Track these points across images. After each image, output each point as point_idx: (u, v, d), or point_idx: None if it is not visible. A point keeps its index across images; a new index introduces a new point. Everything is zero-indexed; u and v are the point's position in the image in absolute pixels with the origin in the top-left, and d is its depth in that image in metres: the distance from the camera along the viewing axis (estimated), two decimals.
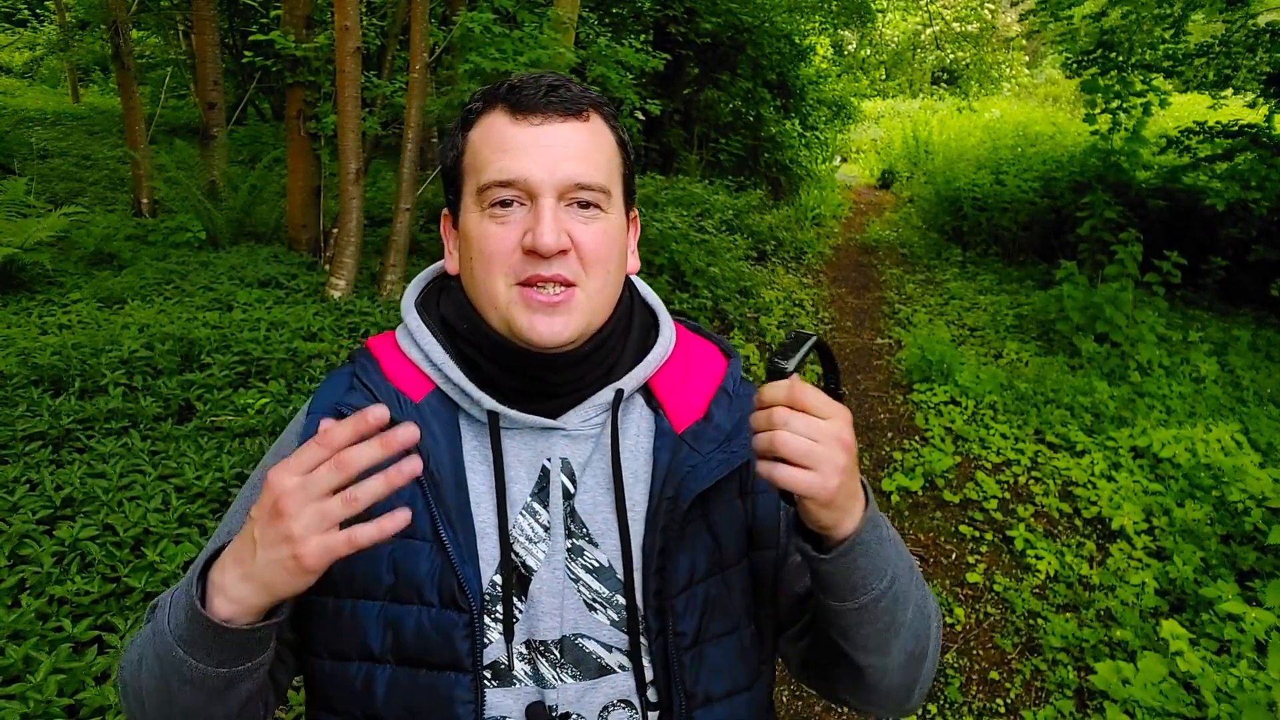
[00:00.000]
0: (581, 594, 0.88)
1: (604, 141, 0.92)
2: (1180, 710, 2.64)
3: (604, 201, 0.89)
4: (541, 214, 0.85)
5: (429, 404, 0.91)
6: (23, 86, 14.05)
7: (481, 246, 0.88)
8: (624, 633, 0.88)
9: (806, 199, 12.25)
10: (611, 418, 0.92)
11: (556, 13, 6.19)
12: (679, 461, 0.91)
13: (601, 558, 0.89)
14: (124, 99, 6.93)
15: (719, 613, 0.91)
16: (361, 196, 5.57)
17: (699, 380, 0.98)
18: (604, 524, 0.90)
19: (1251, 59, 8.14)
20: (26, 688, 2.07)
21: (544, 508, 0.90)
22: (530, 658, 0.87)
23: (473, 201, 0.90)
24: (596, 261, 0.89)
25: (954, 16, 22.41)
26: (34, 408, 3.29)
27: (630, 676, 0.88)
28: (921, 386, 5.50)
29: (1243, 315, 7.21)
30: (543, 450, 0.92)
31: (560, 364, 0.90)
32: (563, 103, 0.88)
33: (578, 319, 0.88)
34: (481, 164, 0.88)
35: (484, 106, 0.91)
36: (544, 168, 0.86)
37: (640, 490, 0.92)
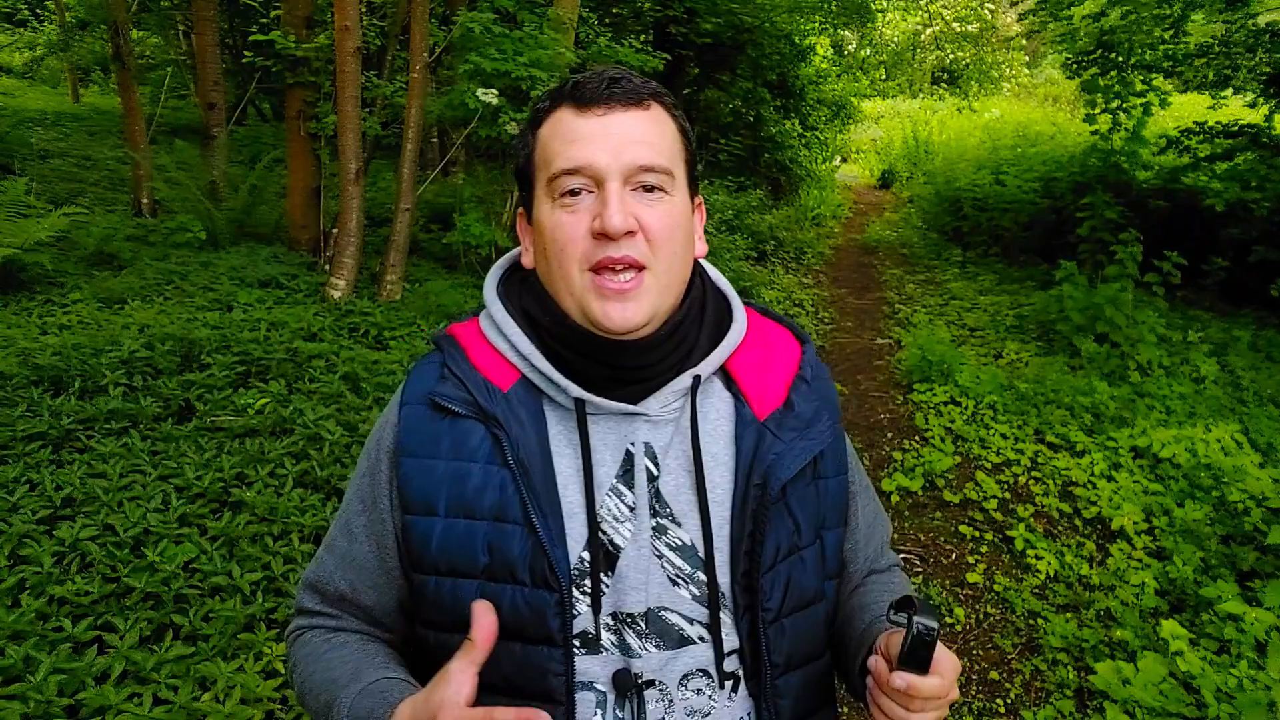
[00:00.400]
0: (665, 570, 0.94)
1: (665, 128, 0.96)
2: (1180, 710, 2.64)
3: (668, 184, 0.93)
4: (609, 198, 0.89)
5: (515, 392, 0.96)
6: (23, 87, 14.05)
7: (554, 236, 0.92)
8: (705, 607, 0.94)
9: (806, 199, 12.26)
10: (690, 403, 0.97)
11: (556, 13, 6.19)
12: (764, 449, 0.96)
13: (685, 536, 0.95)
14: (124, 99, 6.93)
15: (798, 589, 0.97)
16: (361, 196, 5.57)
17: (777, 366, 1.02)
18: (686, 505, 0.95)
19: (1251, 59, 8.14)
20: (26, 688, 2.07)
21: (629, 489, 0.95)
22: (617, 628, 0.92)
23: (544, 194, 0.94)
24: (664, 242, 0.92)
25: (954, 16, 22.43)
26: (34, 408, 3.29)
27: (709, 648, 0.94)
28: (921, 387, 5.50)
29: (1243, 315, 7.21)
30: (626, 435, 0.96)
31: (637, 349, 0.94)
32: (624, 93, 0.92)
33: (648, 302, 0.92)
34: (550, 156, 0.93)
35: (550, 105, 0.96)
36: (609, 153, 0.90)
37: (721, 473, 0.97)
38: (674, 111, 0.98)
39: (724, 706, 0.95)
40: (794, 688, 0.97)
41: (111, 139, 10.02)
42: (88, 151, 9.39)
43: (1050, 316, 6.50)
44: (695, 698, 0.94)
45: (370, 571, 1.01)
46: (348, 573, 1.02)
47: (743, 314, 1.05)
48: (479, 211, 6.23)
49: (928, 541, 3.87)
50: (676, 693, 0.93)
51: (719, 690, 0.95)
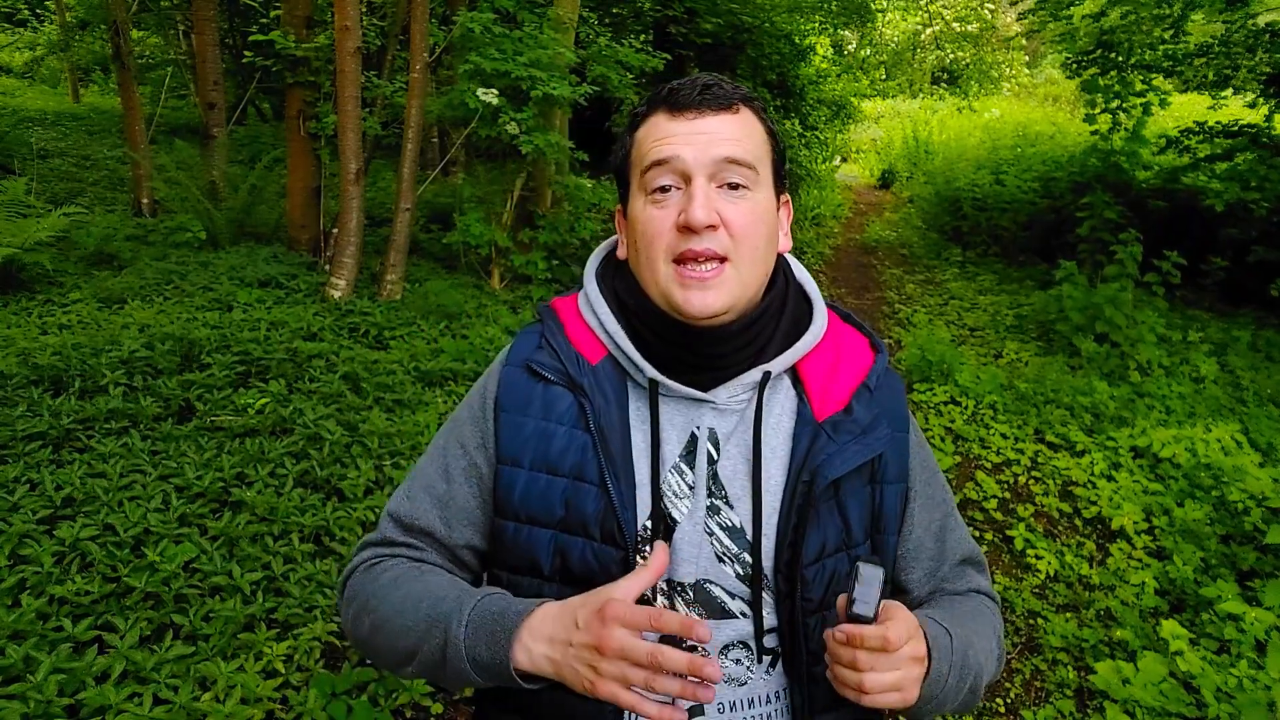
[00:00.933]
0: (714, 546, 1.01)
1: (753, 129, 1.02)
2: (1180, 710, 2.64)
3: (752, 181, 0.99)
4: (694, 193, 0.96)
5: (603, 367, 1.05)
6: (23, 86, 14.05)
7: (645, 229, 1.00)
8: (747, 585, 1.00)
9: (806, 199, 12.24)
10: (757, 398, 1.03)
11: (557, 13, 6.19)
12: (817, 448, 1.01)
13: (735, 519, 1.01)
14: (124, 99, 6.93)
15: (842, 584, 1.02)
16: (361, 196, 5.57)
17: (845, 371, 1.08)
18: (740, 490, 1.02)
19: (1251, 59, 8.14)
20: (26, 688, 2.07)
21: (690, 469, 1.02)
22: (670, 594, 1.00)
23: (638, 189, 1.02)
24: (745, 237, 0.98)
25: (954, 16, 22.42)
26: (34, 408, 3.29)
27: (750, 623, 1.01)
28: (921, 386, 5.50)
29: (1242, 315, 7.21)
30: (693, 419, 1.03)
31: (712, 337, 1.01)
32: (715, 99, 0.99)
33: (727, 292, 0.98)
34: (643, 155, 1.01)
35: (648, 110, 1.04)
36: (695, 149, 0.97)
37: (777, 465, 1.03)
38: (763, 115, 1.04)
39: (761, 679, 1.01)
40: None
41: (111, 139, 10.02)
42: (87, 151, 9.40)
43: (1050, 316, 6.50)
44: (734, 667, 1.01)
45: (470, 511, 1.08)
46: (444, 511, 1.09)
47: (823, 316, 1.09)
48: (479, 211, 6.23)
49: None
50: (717, 659, 1.00)
51: (757, 664, 1.01)
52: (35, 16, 15.24)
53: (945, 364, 5.56)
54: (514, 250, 6.24)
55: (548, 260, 6.29)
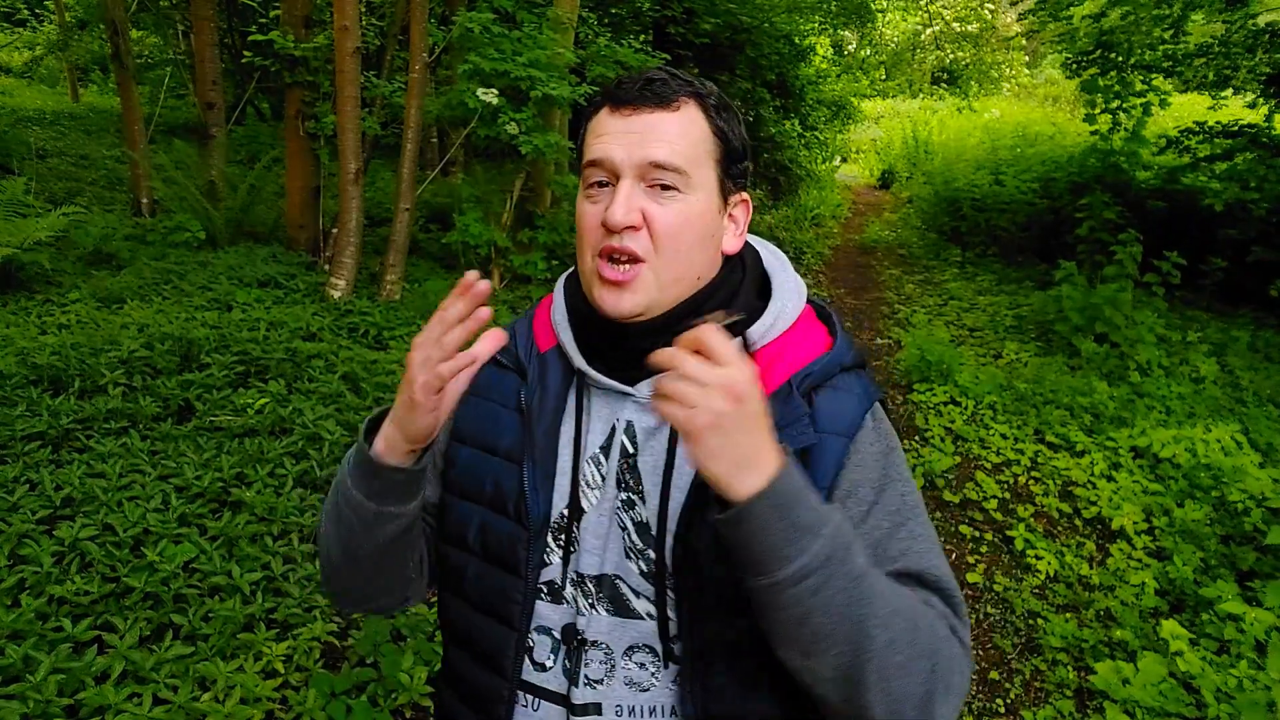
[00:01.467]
0: (624, 542, 1.00)
1: (693, 128, 0.98)
2: (1180, 710, 2.64)
3: (682, 183, 0.96)
4: (618, 192, 0.95)
5: (552, 354, 1.08)
6: (21, 86, 14.04)
7: (579, 223, 1.01)
8: (651, 584, 0.98)
9: (806, 199, 12.26)
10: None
11: (556, 13, 6.19)
12: None
13: (644, 514, 1.00)
14: (123, 99, 6.92)
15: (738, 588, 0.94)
16: (361, 196, 5.56)
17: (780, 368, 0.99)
18: (653, 485, 1.00)
19: (1251, 59, 8.15)
20: (26, 688, 2.07)
21: (606, 460, 1.02)
22: (576, 585, 1.00)
23: (581, 183, 1.03)
24: (668, 240, 0.96)
25: (954, 16, 22.43)
26: (33, 408, 3.29)
27: (654, 625, 0.98)
28: (921, 387, 5.50)
29: (1242, 316, 7.21)
30: (615, 411, 1.03)
31: (632, 334, 1.00)
32: (655, 95, 0.97)
33: (642, 294, 0.97)
34: (584, 150, 1.01)
35: (598, 103, 1.03)
36: (625, 149, 0.96)
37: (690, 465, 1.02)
38: (711, 111, 0.99)
39: (666, 687, 0.97)
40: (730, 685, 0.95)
41: (110, 138, 10.01)
42: (86, 151, 9.39)
43: (1049, 317, 6.50)
44: (637, 671, 0.98)
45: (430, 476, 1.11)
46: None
47: (774, 314, 1.01)
48: (478, 211, 6.22)
49: None
50: (620, 660, 0.98)
51: (663, 669, 0.97)
52: (34, 16, 15.24)
53: (944, 364, 5.56)
54: (513, 250, 6.24)
55: (547, 260, 6.28)
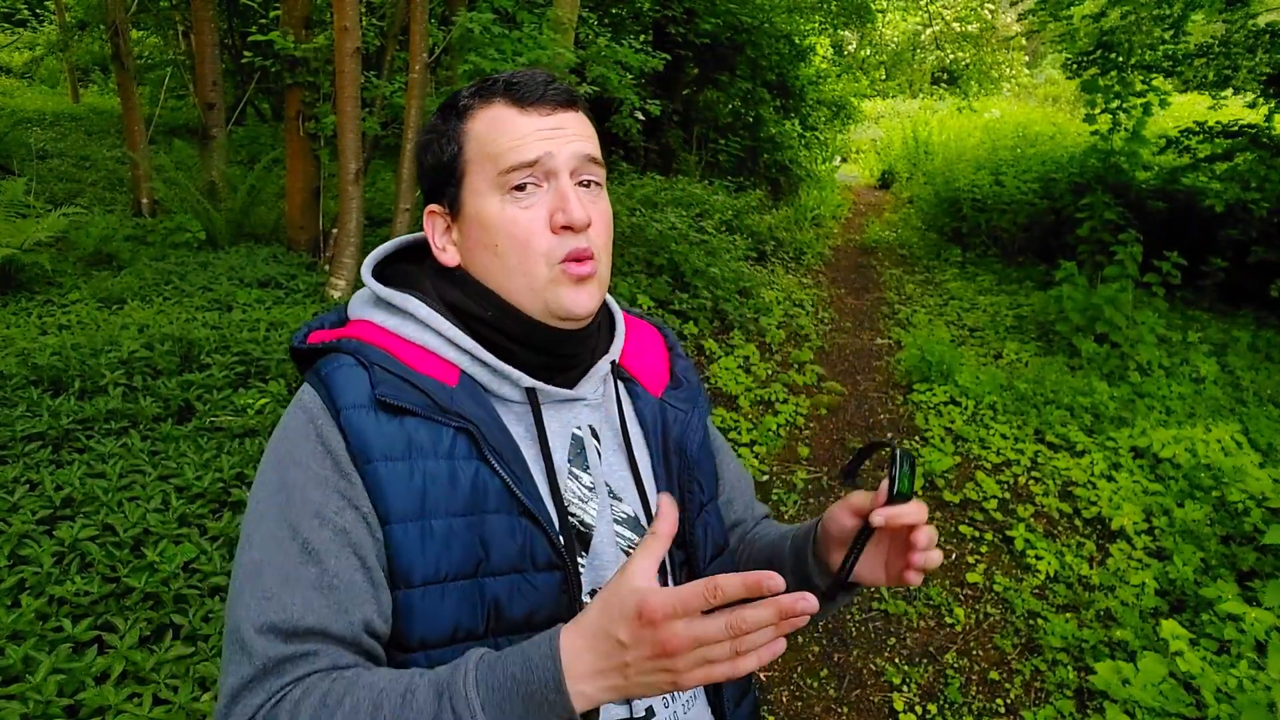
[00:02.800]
0: (619, 543, 0.99)
1: (592, 129, 1.01)
2: (1180, 710, 2.64)
3: (601, 178, 0.99)
4: (566, 191, 0.93)
5: (464, 387, 0.94)
6: (22, 87, 14.05)
7: (511, 230, 0.93)
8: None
9: (806, 199, 12.25)
10: (614, 385, 1.05)
11: (556, 13, 6.19)
12: (670, 421, 1.07)
13: (628, 509, 1.01)
14: (123, 100, 6.93)
15: (715, 537, 1.08)
16: (361, 197, 5.57)
17: (650, 350, 1.14)
18: (622, 480, 1.02)
19: (1251, 59, 8.14)
20: (26, 688, 2.07)
21: (584, 471, 0.99)
22: None
23: (490, 188, 0.94)
24: (605, 236, 0.98)
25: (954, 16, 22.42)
26: (34, 408, 3.29)
27: None
28: (921, 387, 5.50)
29: (1242, 316, 7.21)
30: (570, 420, 1.01)
31: (580, 337, 1.00)
32: (562, 94, 0.97)
33: (599, 290, 0.98)
34: (497, 152, 0.93)
35: (481, 100, 0.97)
36: (560, 147, 0.94)
37: (643, 451, 1.05)
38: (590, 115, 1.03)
39: None
40: None
41: (110, 139, 10.02)
42: (86, 152, 9.39)
43: (1049, 317, 6.50)
44: None
45: (358, 586, 0.84)
46: (330, 597, 0.83)
47: (617, 308, 1.14)
48: None
49: None
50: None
51: None
52: (34, 16, 15.24)
53: (945, 364, 5.56)
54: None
55: None
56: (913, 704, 2.89)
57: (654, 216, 7.10)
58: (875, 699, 2.93)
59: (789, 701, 2.91)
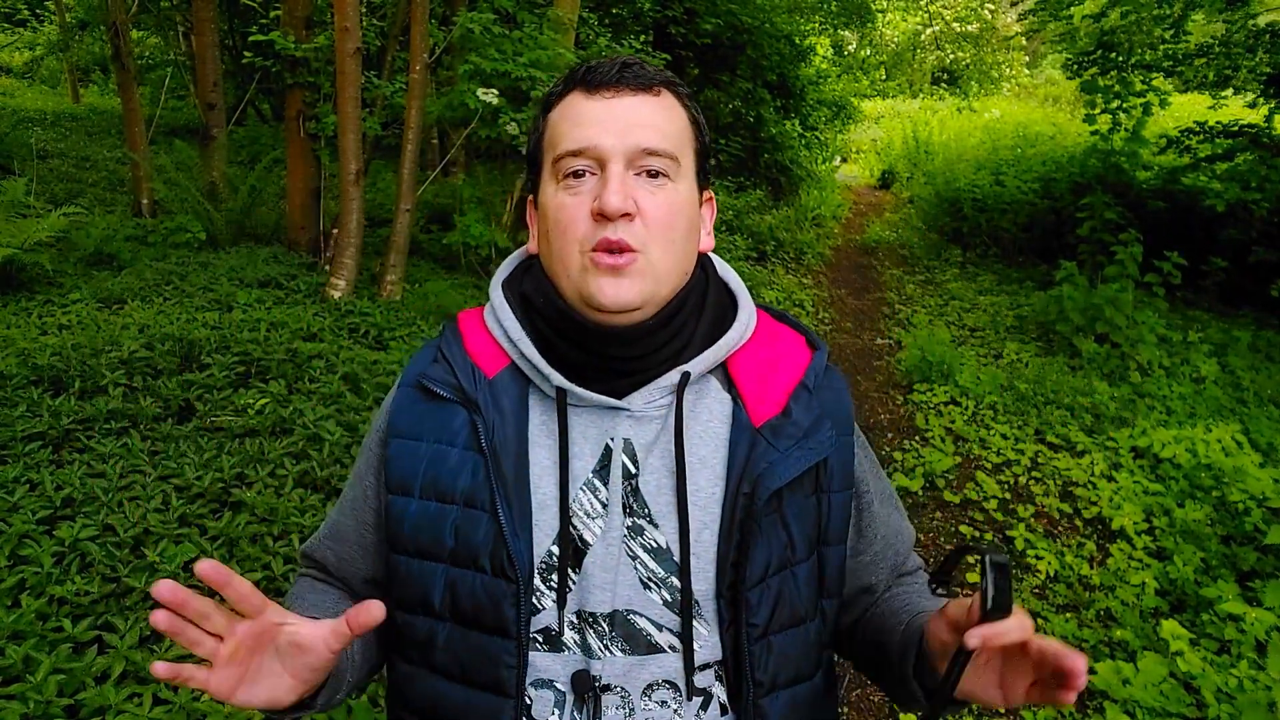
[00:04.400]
0: (638, 571, 0.90)
1: (675, 115, 0.95)
2: (1180, 710, 2.64)
3: (672, 170, 0.92)
4: (609, 179, 0.88)
5: (502, 379, 0.96)
6: (22, 87, 14.06)
7: (557, 217, 0.91)
8: (675, 614, 0.90)
9: (806, 199, 12.24)
10: (676, 401, 0.93)
11: (556, 13, 6.19)
12: (756, 457, 0.91)
13: (660, 539, 0.91)
14: (124, 100, 6.93)
15: (788, 605, 0.93)
16: (361, 197, 5.57)
17: (782, 371, 0.97)
18: (666, 507, 0.92)
19: (1251, 59, 8.14)
20: (26, 688, 2.07)
21: (604, 485, 0.92)
22: (580, 627, 0.90)
23: (549, 175, 0.94)
24: (661, 229, 0.90)
25: (954, 16, 22.44)
26: (34, 408, 3.29)
27: (679, 658, 0.90)
28: (921, 387, 5.50)
29: (1243, 316, 7.21)
30: (607, 429, 0.94)
31: (628, 338, 0.91)
32: (635, 78, 0.92)
33: (641, 284, 0.89)
34: (558, 138, 0.93)
35: (563, 90, 0.96)
36: (613, 135, 0.89)
37: (708, 477, 0.93)
38: (687, 101, 0.97)
39: None
40: (780, 709, 0.92)
41: (111, 139, 10.02)
42: (87, 152, 9.40)
43: (1050, 317, 6.50)
44: (658, 710, 0.89)
45: (349, 544, 1.04)
46: (334, 543, 1.07)
47: (749, 313, 1.01)
48: (479, 212, 6.23)
49: (928, 542, 3.87)
50: (639, 702, 0.89)
51: (686, 703, 0.90)
52: (35, 17, 15.25)
53: (945, 364, 5.56)
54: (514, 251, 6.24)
55: None
56: None
57: None
58: (875, 699, 2.93)
59: None
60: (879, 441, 4.90)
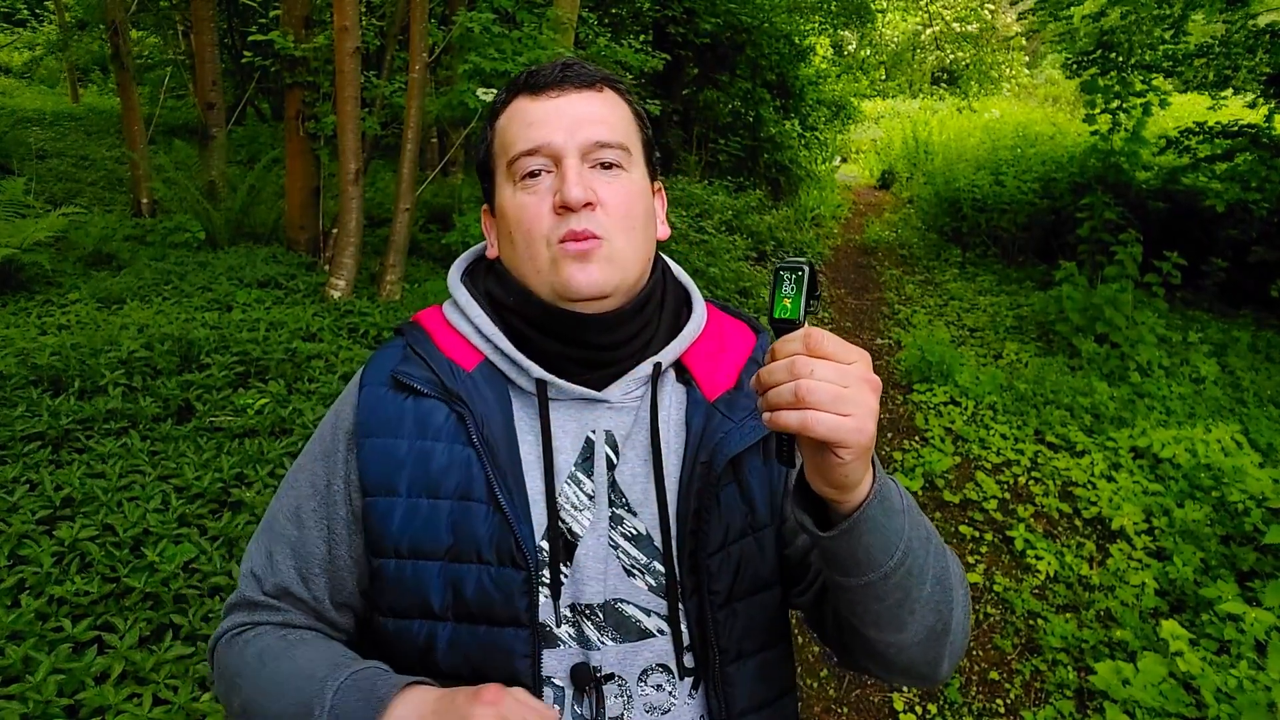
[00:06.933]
0: (621, 560, 0.92)
1: (619, 109, 0.98)
2: (1180, 710, 2.64)
3: (625, 160, 0.95)
4: (567, 172, 0.91)
5: (480, 373, 0.96)
6: (21, 86, 14.04)
7: (519, 217, 0.93)
8: (662, 598, 0.92)
9: (806, 199, 12.24)
10: (651, 390, 0.96)
11: (556, 13, 6.19)
12: (713, 428, 0.94)
13: (640, 526, 0.94)
14: (122, 99, 6.92)
15: (751, 572, 0.95)
16: (361, 197, 5.56)
17: (731, 354, 1.01)
18: (642, 494, 0.94)
19: (1251, 59, 8.15)
20: (26, 688, 2.07)
21: (588, 477, 0.94)
22: (575, 620, 0.91)
23: (505, 179, 0.96)
24: (622, 216, 0.93)
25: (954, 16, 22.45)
26: (33, 408, 3.29)
27: (669, 640, 0.92)
28: (921, 387, 5.50)
29: (1242, 316, 7.21)
30: (588, 422, 0.96)
31: (600, 326, 0.94)
32: (577, 77, 0.95)
33: (609, 269, 0.92)
34: (509, 142, 0.95)
35: (507, 97, 0.98)
36: (564, 131, 0.92)
37: (673, 459, 0.95)
38: (627, 96, 1.00)
39: (684, 703, 0.93)
40: (746, 677, 0.94)
41: (110, 139, 10.01)
42: (86, 151, 9.38)
43: (1049, 317, 6.50)
44: (655, 694, 0.92)
45: (317, 559, 0.97)
46: (301, 564, 0.98)
47: (702, 307, 1.05)
48: (478, 212, 6.22)
49: None
50: (635, 688, 0.91)
51: (679, 685, 0.93)
52: (34, 16, 15.23)
53: (945, 365, 5.56)
54: None
55: None
56: (912, 704, 2.89)
57: None
58: (875, 699, 2.93)
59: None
60: (879, 441, 4.90)
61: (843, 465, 0.73)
